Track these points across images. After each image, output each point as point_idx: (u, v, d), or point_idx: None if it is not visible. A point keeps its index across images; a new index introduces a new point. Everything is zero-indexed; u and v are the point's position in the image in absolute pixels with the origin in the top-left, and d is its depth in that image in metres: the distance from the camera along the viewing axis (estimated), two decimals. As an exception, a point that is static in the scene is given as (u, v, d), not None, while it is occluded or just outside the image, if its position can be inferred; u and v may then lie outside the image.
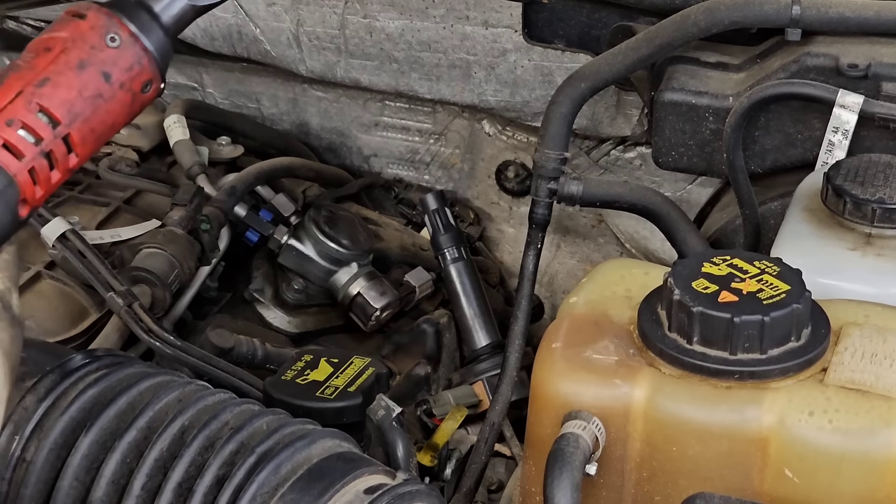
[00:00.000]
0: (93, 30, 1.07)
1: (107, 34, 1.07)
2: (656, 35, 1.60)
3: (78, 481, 1.14)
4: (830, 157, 1.56)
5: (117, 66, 1.07)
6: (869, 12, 1.57)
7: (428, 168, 2.12)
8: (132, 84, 1.08)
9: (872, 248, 1.38)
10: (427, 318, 1.86)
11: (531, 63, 1.86)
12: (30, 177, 1.03)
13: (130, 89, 1.08)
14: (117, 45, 1.07)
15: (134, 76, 1.08)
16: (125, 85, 1.08)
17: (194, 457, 1.13)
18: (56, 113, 1.04)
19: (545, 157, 1.58)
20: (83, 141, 1.06)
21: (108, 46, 1.07)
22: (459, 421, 1.73)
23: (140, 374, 1.20)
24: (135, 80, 1.09)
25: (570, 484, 1.13)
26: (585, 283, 1.33)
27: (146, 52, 1.08)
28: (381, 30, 1.91)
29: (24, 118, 1.03)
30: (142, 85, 1.09)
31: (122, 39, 1.07)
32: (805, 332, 1.20)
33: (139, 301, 1.60)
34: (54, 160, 1.05)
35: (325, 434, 1.17)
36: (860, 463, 1.14)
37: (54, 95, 1.05)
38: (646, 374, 1.19)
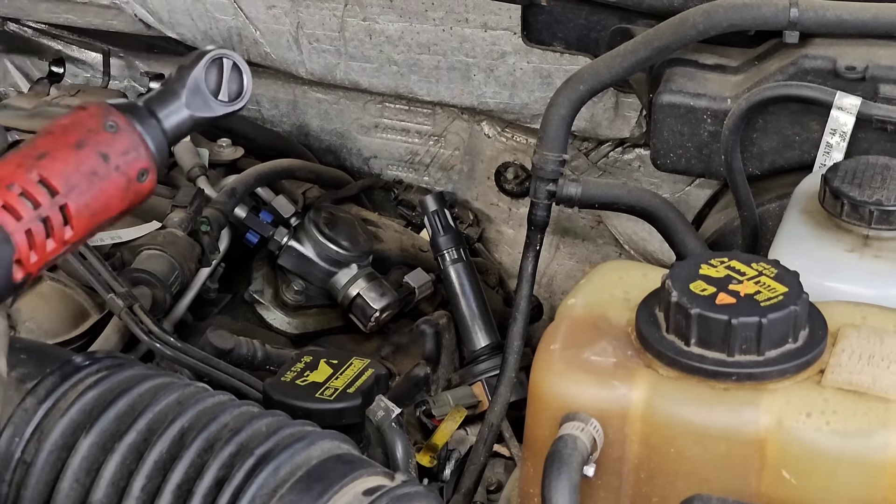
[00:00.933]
0: (92, 116, 1.11)
1: (105, 121, 1.11)
2: (655, 37, 1.60)
3: (78, 483, 1.14)
4: (828, 159, 1.57)
5: (114, 149, 1.10)
6: (866, 15, 1.57)
7: (427, 170, 2.12)
8: (128, 168, 1.11)
9: (870, 249, 1.39)
10: (426, 319, 1.86)
11: (530, 65, 1.87)
12: (26, 239, 1.05)
13: (126, 173, 1.11)
14: (115, 131, 1.11)
15: (130, 161, 1.11)
16: (121, 168, 1.11)
17: (194, 458, 1.13)
18: (54, 183, 1.07)
19: (544, 159, 1.58)
20: (78, 214, 1.08)
21: (106, 130, 1.11)
22: (459, 422, 1.73)
23: (140, 376, 1.21)
24: (131, 166, 1.11)
25: (569, 485, 1.14)
26: (584, 284, 1.33)
27: (143, 142, 1.12)
28: (381, 32, 1.92)
29: (23, 184, 1.05)
30: (138, 172, 1.12)
31: (119, 126, 1.11)
32: (802, 333, 1.20)
33: (139, 303, 1.60)
34: (51, 228, 1.06)
35: (324, 435, 1.17)
36: (857, 464, 1.14)
37: (52, 167, 1.07)
38: (644, 375, 1.20)
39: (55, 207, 1.07)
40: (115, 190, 1.11)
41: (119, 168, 1.11)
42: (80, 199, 1.09)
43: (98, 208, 1.10)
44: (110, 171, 1.10)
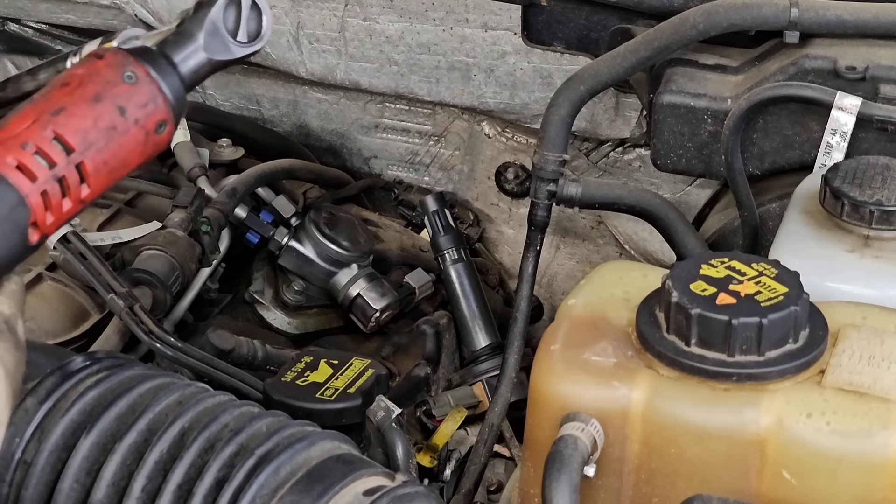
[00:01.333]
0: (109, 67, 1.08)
1: (123, 71, 1.08)
2: (655, 37, 1.60)
3: (78, 483, 1.14)
4: (828, 160, 1.57)
5: (132, 102, 1.07)
6: (867, 15, 1.57)
7: (428, 170, 2.12)
8: (146, 121, 1.08)
9: (870, 249, 1.39)
10: (427, 320, 1.86)
11: (530, 65, 1.87)
12: (42, 200, 1.03)
13: (144, 126, 1.08)
14: (133, 82, 1.08)
15: (149, 113, 1.08)
16: (139, 121, 1.08)
17: (194, 459, 1.13)
18: (70, 140, 1.04)
19: (544, 159, 1.58)
20: (96, 172, 1.06)
21: (124, 82, 1.07)
22: (459, 422, 1.73)
23: (140, 377, 1.20)
24: (149, 118, 1.09)
25: (569, 485, 1.14)
26: (584, 284, 1.33)
27: (161, 92, 1.09)
28: (381, 32, 1.92)
29: (38, 143, 1.03)
30: (156, 124, 1.09)
31: (138, 77, 1.08)
32: (803, 334, 1.20)
33: (140, 303, 1.60)
34: (66, 188, 1.04)
35: (324, 436, 1.17)
36: (858, 465, 1.14)
37: (69, 124, 1.04)
38: (644, 375, 1.20)
39: (71, 166, 1.04)
40: (134, 144, 1.08)
41: (138, 121, 1.08)
42: (97, 156, 1.06)
43: (116, 164, 1.07)
44: (129, 126, 1.07)
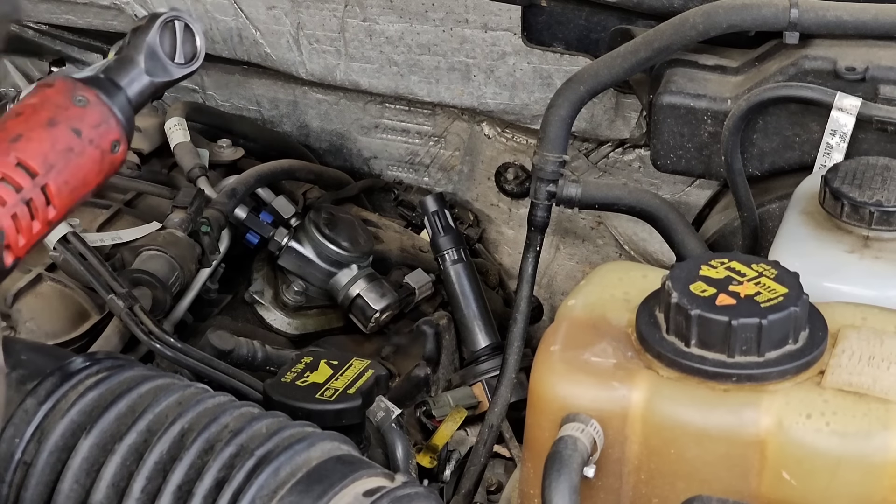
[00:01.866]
0: (59, 93, 1.11)
1: (74, 96, 1.12)
2: (655, 38, 1.60)
3: (78, 484, 1.14)
4: (828, 160, 1.57)
5: (86, 123, 1.12)
6: (866, 15, 1.57)
7: (427, 170, 2.12)
8: (101, 141, 1.13)
9: (870, 250, 1.39)
10: (427, 320, 1.86)
11: (530, 66, 1.87)
12: (13, 224, 1.06)
13: (100, 146, 1.12)
14: (84, 105, 1.12)
15: (102, 133, 1.13)
16: (94, 141, 1.12)
17: (194, 459, 1.13)
18: (32, 164, 1.08)
19: (544, 160, 1.58)
20: (59, 192, 1.09)
21: (76, 105, 1.12)
22: (459, 422, 1.73)
23: (140, 377, 1.21)
24: (103, 138, 1.13)
25: (569, 486, 1.14)
26: (584, 285, 1.33)
27: (113, 114, 1.13)
28: (381, 33, 1.92)
29: (3, 169, 1.06)
30: (111, 144, 1.13)
31: (88, 101, 1.12)
32: (803, 334, 1.20)
33: (140, 303, 1.60)
34: (34, 210, 1.07)
35: (324, 436, 1.17)
36: (857, 465, 1.14)
37: (28, 148, 1.08)
38: (644, 376, 1.20)
39: (37, 189, 1.08)
40: (92, 164, 1.12)
41: (93, 141, 1.12)
42: (59, 177, 1.09)
43: (77, 184, 1.11)
44: (85, 146, 1.11)
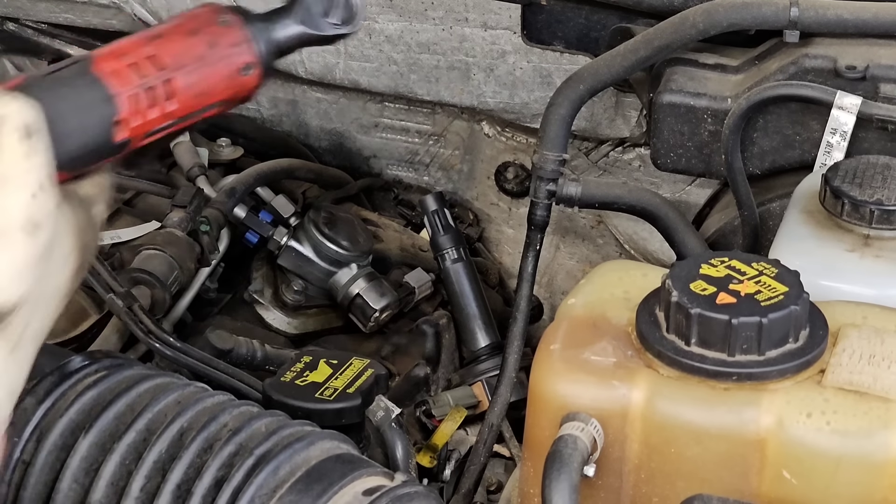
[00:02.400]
0: (207, 11, 1.20)
1: (219, 17, 1.20)
2: (655, 37, 1.60)
3: (77, 483, 1.14)
4: (829, 159, 1.57)
5: (223, 40, 1.19)
6: (867, 14, 1.57)
7: (427, 169, 2.12)
8: (234, 59, 1.19)
9: (870, 249, 1.38)
10: (426, 319, 1.86)
11: (530, 64, 1.86)
12: (129, 103, 1.12)
13: (231, 63, 1.19)
14: (226, 25, 1.19)
15: (236, 53, 1.19)
16: (227, 58, 1.19)
17: (193, 458, 1.13)
18: (163, 58, 1.15)
19: (544, 159, 1.58)
20: (182, 90, 1.16)
21: (218, 24, 1.19)
22: (459, 422, 1.73)
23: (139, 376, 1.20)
24: (236, 57, 1.19)
25: (569, 485, 1.14)
26: (584, 284, 1.33)
27: (250, 39, 1.20)
28: (381, 32, 1.91)
29: (134, 57, 1.14)
30: (243, 64, 1.19)
31: (230, 23, 1.19)
32: (803, 333, 1.20)
33: (139, 302, 1.60)
34: (154, 97, 1.13)
35: (323, 436, 1.17)
36: (858, 464, 1.14)
37: (163, 45, 1.16)
38: (644, 375, 1.19)
39: (160, 80, 1.14)
40: (219, 76, 1.19)
41: (225, 58, 1.19)
42: (185, 77, 1.16)
43: (201, 89, 1.18)
44: (217, 59, 1.18)
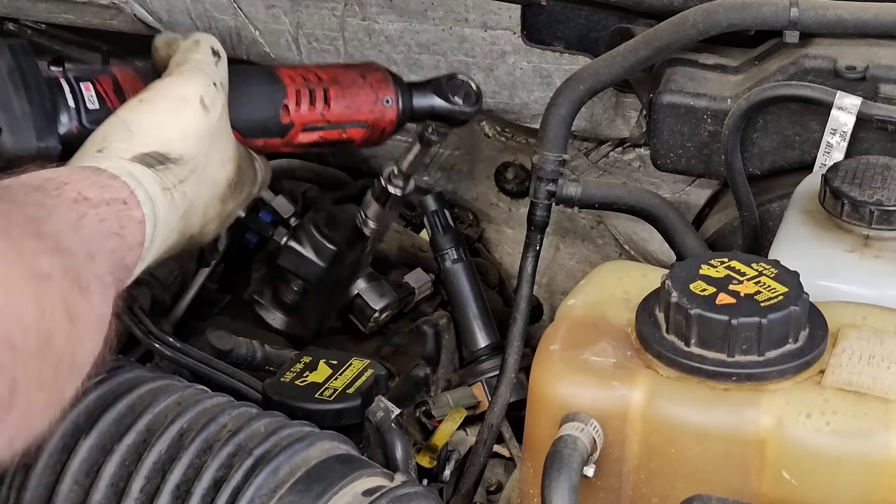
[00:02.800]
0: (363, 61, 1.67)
1: (373, 64, 1.63)
2: (655, 37, 1.60)
3: (77, 485, 1.14)
4: (828, 159, 1.57)
5: (372, 75, 1.58)
6: (867, 14, 1.57)
7: (427, 169, 2.12)
8: (378, 89, 1.57)
9: (870, 249, 1.38)
10: (426, 320, 1.86)
11: (530, 65, 1.86)
12: (295, 95, 1.51)
13: (376, 92, 1.57)
14: (377, 68, 1.61)
15: (380, 86, 1.58)
16: (373, 87, 1.57)
17: (192, 459, 1.13)
18: (324, 75, 1.55)
19: (544, 160, 1.58)
20: (335, 100, 1.53)
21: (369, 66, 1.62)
22: (458, 422, 1.73)
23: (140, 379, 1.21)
24: (380, 89, 1.58)
25: (568, 486, 1.14)
26: (583, 285, 1.33)
27: (391, 82, 1.60)
28: (381, 32, 1.91)
29: (303, 70, 1.55)
30: (384, 97, 1.57)
31: (380, 67, 1.62)
32: (803, 334, 1.20)
33: (139, 303, 1.60)
34: (314, 98, 1.52)
35: (323, 436, 1.17)
36: (858, 465, 1.14)
37: (325, 68, 1.56)
38: (644, 376, 1.20)
39: (320, 88, 1.53)
40: (365, 98, 1.56)
41: (371, 86, 1.57)
42: (339, 91, 1.54)
43: (350, 103, 1.54)
44: (364, 85, 1.57)
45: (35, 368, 1.00)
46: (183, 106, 1.36)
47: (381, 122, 1.57)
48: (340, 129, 1.54)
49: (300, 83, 1.51)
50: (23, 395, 0.99)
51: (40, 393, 1.01)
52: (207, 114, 1.36)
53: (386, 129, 1.58)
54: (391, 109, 1.57)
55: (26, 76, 1.40)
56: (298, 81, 1.52)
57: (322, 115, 1.52)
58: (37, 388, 1.01)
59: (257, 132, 1.49)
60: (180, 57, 1.42)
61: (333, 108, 1.53)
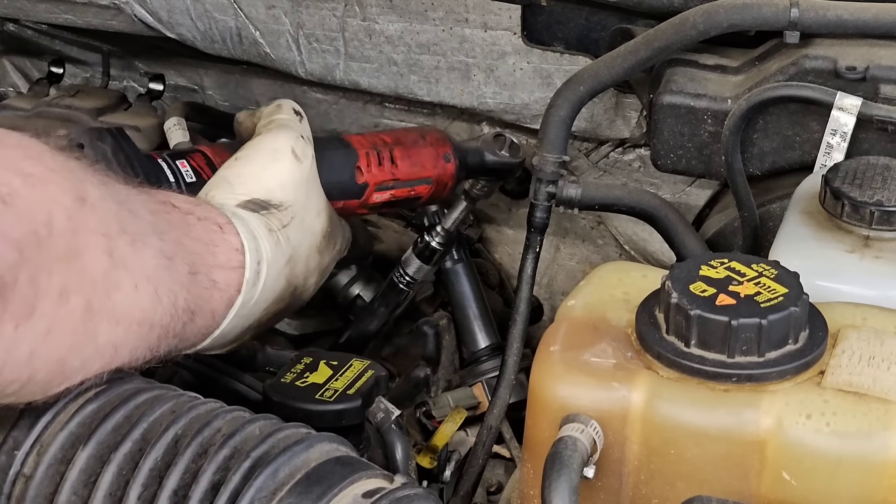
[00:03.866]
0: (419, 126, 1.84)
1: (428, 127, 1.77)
2: (655, 38, 1.60)
3: (76, 495, 1.14)
4: (829, 160, 1.56)
5: (430, 135, 1.71)
6: (867, 15, 1.57)
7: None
8: (438, 147, 1.69)
9: (870, 250, 1.38)
10: (426, 320, 1.86)
11: (530, 65, 1.86)
12: (366, 158, 1.61)
13: (436, 149, 1.69)
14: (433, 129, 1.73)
15: (439, 144, 1.70)
16: (433, 145, 1.69)
17: (188, 464, 1.13)
18: (389, 139, 1.66)
19: (544, 161, 1.58)
20: (401, 159, 1.65)
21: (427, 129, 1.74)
22: (459, 423, 1.73)
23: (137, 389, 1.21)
24: (439, 146, 1.70)
25: (568, 487, 1.14)
26: (583, 285, 1.33)
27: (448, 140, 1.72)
28: (381, 32, 1.91)
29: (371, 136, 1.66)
30: (444, 153, 1.69)
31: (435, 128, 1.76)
32: (803, 334, 1.20)
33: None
34: (381, 158, 1.62)
35: (322, 438, 1.17)
36: (857, 466, 1.14)
37: (390, 132, 1.69)
38: (644, 376, 1.19)
39: (386, 150, 1.63)
40: (428, 156, 1.67)
41: (432, 144, 1.68)
42: (403, 151, 1.65)
43: (415, 161, 1.66)
44: (426, 144, 1.68)
45: (61, 276, 1.03)
46: (277, 157, 1.43)
47: (444, 176, 1.68)
48: (409, 186, 1.65)
49: (368, 146, 1.62)
50: (47, 301, 1.02)
51: (65, 307, 1.04)
52: (300, 164, 1.43)
53: (448, 184, 1.69)
54: (451, 164, 1.69)
55: (129, 156, 1.47)
56: (367, 145, 1.62)
57: (392, 174, 1.63)
58: (61, 297, 1.03)
59: (336, 194, 1.56)
60: (265, 120, 1.49)
61: (401, 166, 1.64)
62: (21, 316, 1.01)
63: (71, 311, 1.05)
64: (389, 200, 1.64)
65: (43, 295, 1.02)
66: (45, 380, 1.08)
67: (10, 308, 1.00)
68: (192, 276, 1.22)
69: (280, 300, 1.40)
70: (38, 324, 1.03)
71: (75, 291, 1.05)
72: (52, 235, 1.02)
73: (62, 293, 1.04)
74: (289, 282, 1.40)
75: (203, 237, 1.26)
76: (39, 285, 1.02)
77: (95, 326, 1.08)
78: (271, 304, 1.37)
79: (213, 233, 1.28)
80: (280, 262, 1.37)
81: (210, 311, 1.27)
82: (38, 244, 1.01)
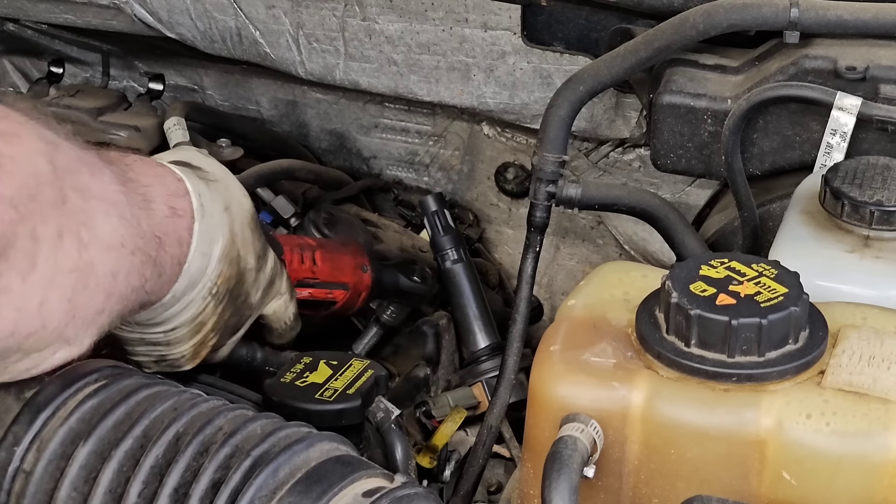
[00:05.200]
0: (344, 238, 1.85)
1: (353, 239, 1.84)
2: (655, 38, 1.60)
3: (76, 492, 1.14)
4: (829, 160, 1.56)
5: (352, 248, 1.77)
6: (867, 15, 1.57)
7: (427, 170, 2.12)
8: (356, 258, 1.76)
9: (870, 250, 1.38)
10: (426, 320, 1.86)
11: (530, 65, 1.86)
12: (289, 252, 1.65)
13: (355, 259, 1.75)
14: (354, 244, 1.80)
15: (358, 256, 1.76)
16: (352, 255, 1.75)
17: (189, 462, 1.13)
18: (312, 242, 1.72)
19: (544, 161, 1.58)
20: (321, 261, 1.69)
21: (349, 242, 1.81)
22: (458, 422, 1.73)
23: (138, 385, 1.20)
24: (358, 258, 1.76)
25: (568, 486, 1.14)
26: (583, 285, 1.33)
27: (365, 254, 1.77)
28: (381, 32, 1.91)
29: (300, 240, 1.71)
30: (362, 263, 1.75)
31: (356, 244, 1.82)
32: (803, 334, 1.20)
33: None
34: (304, 258, 1.67)
35: (322, 437, 1.17)
36: (857, 465, 1.14)
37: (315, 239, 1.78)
38: (644, 376, 1.19)
39: (308, 251, 1.69)
40: (347, 263, 1.73)
41: (352, 254, 1.75)
42: (325, 254, 1.70)
43: (335, 265, 1.71)
44: (346, 252, 1.74)
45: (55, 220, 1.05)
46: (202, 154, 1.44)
47: (360, 285, 1.73)
48: (327, 288, 1.69)
49: (294, 245, 1.68)
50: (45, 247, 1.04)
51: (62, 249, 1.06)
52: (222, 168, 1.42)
53: (363, 294, 1.74)
54: (367, 275, 1.75)
55: None
56: (292, 243, 1.68)
57: (312, 273, 1.67)
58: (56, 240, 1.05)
59: None
60: None
61: (322, 267, 1.68)
62: (25, 269, 1.03)
63: (67, 250, 1.07)
64: (306, 299, 1.66)
65: (41, 243, 1.04)
66: (58, 325, 1.09)
67: (15, 264, 1.02)
68: (148, 203, 1.22)
69: (230, 261, 1.35)
70: (42, 272, 1.04)
71: (67, 230, 1.07)
72: (40, 185, 1.04)
73: (58, 235, 1.06)
74: (232, 240, 1.35)
75: (148, 171, 1.26)
76: (38, 235, 1.04)
77: (91, 257, 1.10)
78: (224, 265, 1.34)
79: (156, 168, 1.28)
80: (219, 205, 1.33)
81: (176, 238, 1.27)
82: (30, 197, 1.03)
